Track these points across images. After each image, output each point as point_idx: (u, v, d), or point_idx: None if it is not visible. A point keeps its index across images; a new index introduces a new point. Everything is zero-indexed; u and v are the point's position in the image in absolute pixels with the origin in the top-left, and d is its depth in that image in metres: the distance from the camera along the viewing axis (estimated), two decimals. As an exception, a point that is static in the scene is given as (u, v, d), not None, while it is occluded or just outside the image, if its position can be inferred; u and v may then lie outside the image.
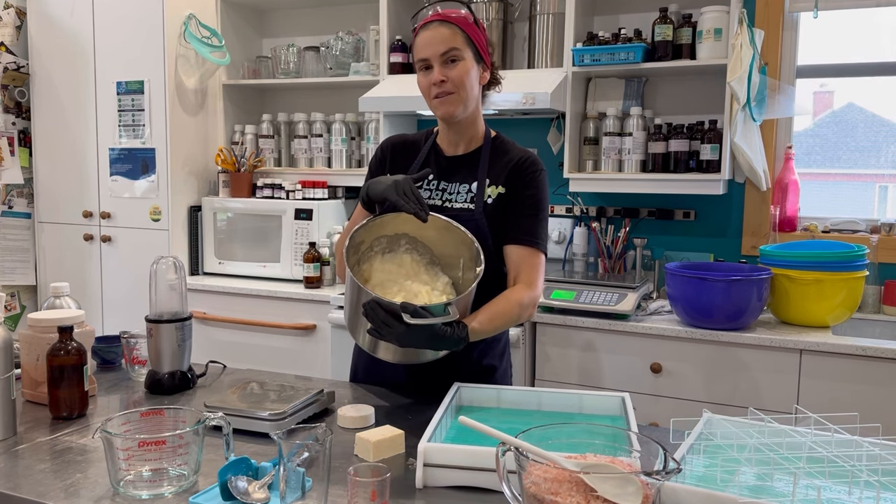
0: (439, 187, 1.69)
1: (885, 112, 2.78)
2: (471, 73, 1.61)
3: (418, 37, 1.62)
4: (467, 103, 1.63)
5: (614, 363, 2.50)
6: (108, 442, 1.13)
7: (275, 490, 1.12)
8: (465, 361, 1.66)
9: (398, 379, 1.70)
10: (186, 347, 1.65)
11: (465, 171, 1.69)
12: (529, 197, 1.64)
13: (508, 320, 1.57)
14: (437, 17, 1.61)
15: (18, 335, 1.56)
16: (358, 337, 1.52)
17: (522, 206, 1.64)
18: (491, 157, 1.68)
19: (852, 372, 2.20)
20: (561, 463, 0.91)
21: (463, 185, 1.67)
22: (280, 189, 3.27)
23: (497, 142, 1.72)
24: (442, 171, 1.71)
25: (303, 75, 3.40)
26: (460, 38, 1.60)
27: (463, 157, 1.70)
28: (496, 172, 1.67)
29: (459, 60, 1.60)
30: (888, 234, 2.64)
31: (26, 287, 3.58)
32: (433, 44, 1.59)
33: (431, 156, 1.73)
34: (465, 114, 1.64)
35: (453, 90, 1.60)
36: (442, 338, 1.40)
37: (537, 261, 1.64)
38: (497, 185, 1.66)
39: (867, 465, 1.12)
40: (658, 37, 2.70)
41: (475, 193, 1.65)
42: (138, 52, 3.21)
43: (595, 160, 2.87)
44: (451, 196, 1.67)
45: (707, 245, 2.91)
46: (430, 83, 1.60)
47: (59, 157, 3.46)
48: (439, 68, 1.59)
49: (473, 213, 1.62)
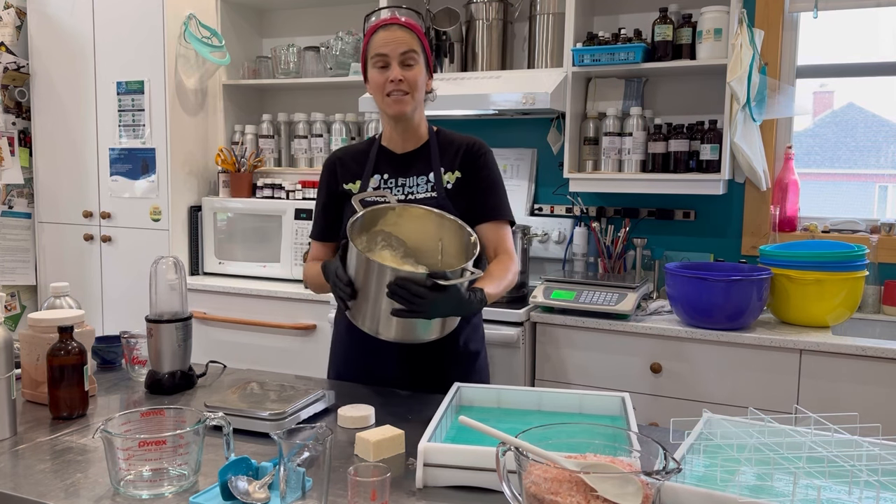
0: (398, 183, 1.77)
1: (885, 112, 2.78)
2: (422, 77, 1.73)
3: (377, 35, 1.71)
4: (417, 105, 1.74)
5: (614, 363, 2.50)
6: (108, 442, 1.13)
7: (275, 490, 1.12)
8: (452, 347, 1.75)
9: (386, 371, 1.74)
10: (186, 347, 1.65)
11: (419, 163, 1.78)
12: (485, 177, 1.78)
13: (509, 285, 1.69)
14: (397, 21, 1.72)
15: (18, 335, 1.56)
16: (363, 320, 1.51)
17: (482, 187, 1.77)
18: (440, 148, 1.80)
19: (852, 372, 2.20)
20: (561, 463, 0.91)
21: (420, 176, 1.77)
22: (280, 189, 3.27)
23: (441, 134, 1.83)
24: (397, 167, 1.80)
25: (303, 75, 3.40)
26: (417, 44, 1.71)
27: (413, 152, 1.80)
28: (449, 160, 1.79)
29: (415, 64, 1.71)
30: (888, 234, 2.64)
31: (26, 287, 3.58)
32: (395, 43, 1.68)
33: (382, 157, 1.82)
34: (413, 114, 1.75)
35: (408, 90, 1.70)
36: (469, 302, 1.50)
37: (508, 231, 1.79)
38: (453, 171, 1.78)
39: (867, 465, 1.12)
40: (658, 37, 2.70)
41: (434, 182, 1.75)
42: (138, 52, 3.21)
43: (595, 160, 2.87)
44: (412, 188, 1.76)
45: (707, 245, 2.91)
46: (387, 80, 1.69)
47: (59, 157, 3.46)
48: (397, 67, 1.68)
49: (438, 199, 1.72)
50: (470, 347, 1.80)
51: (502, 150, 3.19)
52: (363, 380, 1.77)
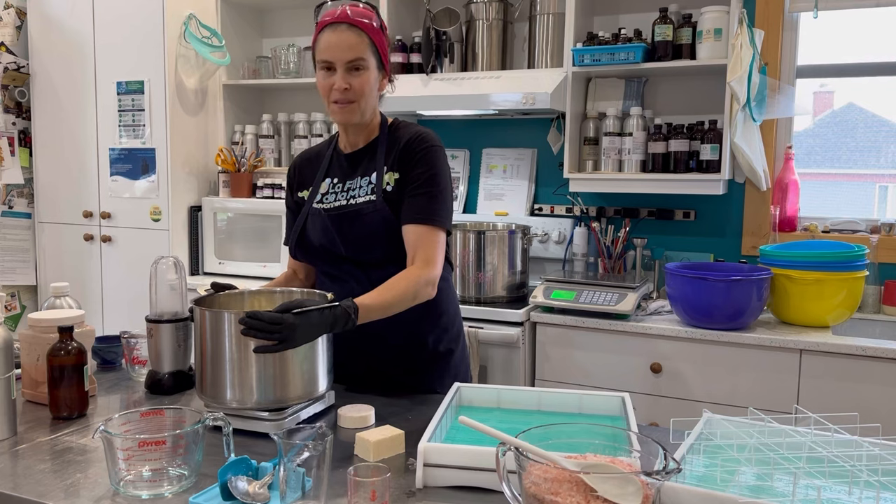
0: (344, 188, 1.70)
1: (885, 112, 2.78)
2: (372, 82, 1.62)
3: (323, 35, 1.60)
4: (365, 112, 1.64)
5: (614, 363, 2.50)
6: (108, 442, 1.13)
7: (275, 490, 1.12)
8: (421, 350, 1.71)
9: (357, 371, 1.72)
10: (186, 347, 1.65)
11: (365, 163, 1.70)
12: (419, 175, 1.62)
13: (402, 297, 1.53)
14: (346, 20, 1.58)
15: (18, 335, 1.56)
16: (224, 392, 1.37)
17: (414, 185, 1.62)
18: (388, 145, 1.68)
19: (852, 372, 2.20)
20: (561, 463, 0.91)
21: (364, 178, 1.68)
22: (280, 189, 3.27)
23: (392, 128, 1.71)
24: (344, 170, 1.72)
25: (303, 75, 3.40)
26: (367, 45, 1.59)
27: (361, 150, 1.72)
28: (392, 159, 1.66)
29: (364, 70, 1.60)
30: (888, 234, 2.64)
31: (26, 287, 3.58)
32: (340, 49, 1.57)
33: (334, 159, 1.76)
34: (362, 120, 1.66)
35: (354, 98, 1.60)
36: (335, 318, 1.38)
37: (434, 238, 1.60)
38: (393, 171, 1.65)
39: (867, 465, 1.12)
40: (658, 37, 2.70)
41: (374, 184, 1.65)
42: (138, 52, 3.21)
43: (595, 160, 2.87)
44: (354, 192, 1.67)
45: (707, 245, 2.91)
46: (332, 87, 1.60)
47: (60, 157, 3.46)
48: (343, 74, 1.58)
49: (375, 204, 1.62)
50: (440, 348, 1.74)
51: (502, 150, 3.20)
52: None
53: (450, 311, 1.78)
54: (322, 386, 1.44)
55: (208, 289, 1.58)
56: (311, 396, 1.43)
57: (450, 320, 1.78)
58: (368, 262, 1.66)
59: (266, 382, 1.35)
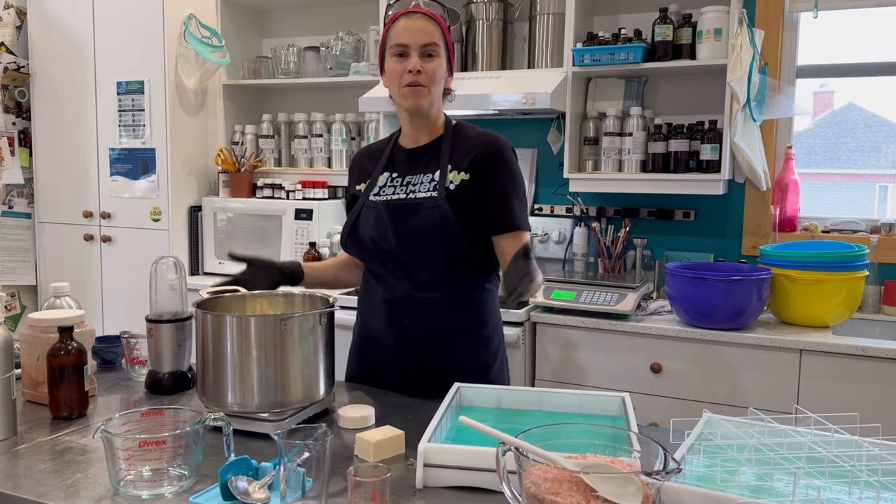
0: (403, 182, 1.68)
1: (885, 112, 2.78)
2: (442, 70, 1.64)
3: (398, 23, 1.62)
4: (434, 99, 1.64)
5: (614, 363, 2.50)
6: (108, 442, 1.13)
7: (275, 490, 1.12)
8: (457, 363, 1.67)
9: (391, 379, 1.70)
10: (186, 347, 1.65)
11: (428, 160, 1.69)
12: (504, 182, 1.64)
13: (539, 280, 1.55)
14: (421, 10, 1.62)
15: (18, 335, 1.56)
16: (225, 395, 1.37)
17: (500, 193, 1.63)
18: (453, 144, 1.68)
19: (852, 372, 2.20)
20: (561, 463, 0.91)
21: (426, 175, 1.67)
22: (280, 189, 3.27)
23: (457, 129, 1.71)
24: (404, 164, 1.71)
25: (303, 75, 3.40)
26: (439, 37, 1.63)
27: (424, 147, 1.71)
28: (458, 158, 1.65)
29: (436, 56, 1.62)
30: (888, 234, 2.64)
31: (26, 287, 3.58)
32: (416, 33, 1.59)
33: (395, 153, 1.75)
34: (429, 109, 1.65)
35: (426, 83, 1.60)
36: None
37: (524, 240, 1.63)
38: (460, 171, 1.64)
39: (867, 465, 1.12)
40: (658, 37, 2.70)
41: (437, 181, 1.64)
42: (138, 52, 3.21)
43: (595, 160, 2.87)
44: (414, 187, 1.66)
45: (707, 245, 2.91)
46: (405, 70, 1.59)
47: (60, 157, 3.46)
48: (417, 58, 1.59)
49: (436, 200, 1.61)
50: (481, 361, 1.69)
51: (502, 150, 3.19)
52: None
53: (491, 324, 1.73)
54: (322, 390, 1.44)
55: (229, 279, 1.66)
56: (312, 401, 1.43)
57: (490, 333, 1.72)
58: (414, 261, 1.63)
59: (267, 386, 1.36)
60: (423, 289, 1.64)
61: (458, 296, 1.66)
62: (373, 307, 1.73)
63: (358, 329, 1.81)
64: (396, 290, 1.66)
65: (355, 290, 2.17)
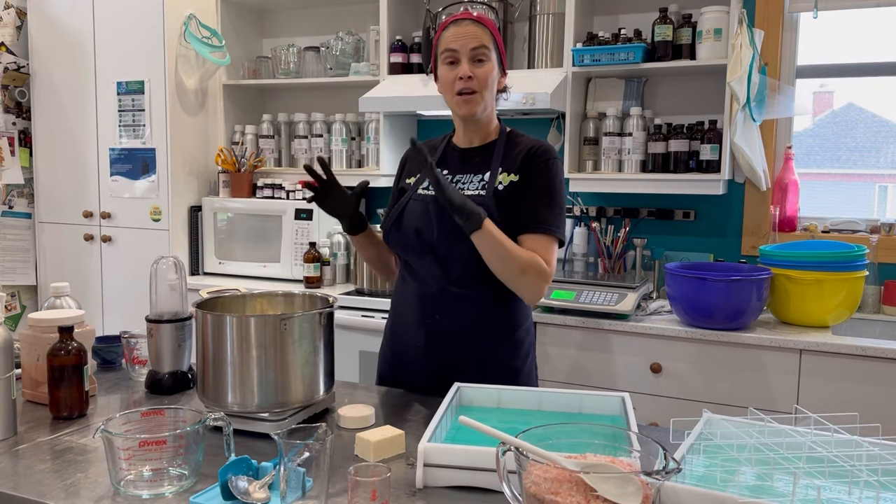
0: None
1: (885, 112, 2.78)
2: (493, 75, 1.65)
3: (448, 30, 1.64)
4: (487, 104, 1.66)
5: (614, 363, 2.50)
6: (108, 442, 1.13)
7: (275, 490, 1.12)
8: (486, 364, 1.67)
9: (421, 381, 1.70)
10: (186, 347, 1.65)
11: (479, 161, 1.71)
12: (541, 185, 1.64)
13: (516, 259, 1.56)
14: (470, 17, 1.64)
15: (19, 335, 1.56)
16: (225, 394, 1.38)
17: (535, 195, 1.64)
18: (505, 149, 1.70)
19: (852, 372, 2.20)
20: (561, 463, 0.91)
21: (476, 175, 1.69)
22: (280, 189, 3.27)
23: (511, 135, 1.74)
24: (456, 163, 1.73)
25: (303, 75, 3.40)
26: (489, 40, 1.64)
27: (477, 148, 1.73)
28: (510, 161, 1.68)
29: (486, 61, 1.63)
30: (888, 234, 2.64)
31: (26, 287, 3.58)
32: (465, 38, 1.61)
33: (448, 152, 1.77)
34: (483, 114, 1.67)
35: (477, 89, 1.62)
36: (468, 202, 1.51)
37: (550, 246, 1.63)
38: (510, 173, 1.66)
39: (867, 465, 1.12)
40: (658, 37, 2.70)
41: (487, 181, 1.66)
42: (138, 52, 3.21)
43: (595, 160, 2.87)
44: (464, 186, 1.68)
45: (707, 245, 2.91)
46: (457, 76, 1.62)
47: (60, 157, 3.46)
48: (467, 64, 1.61)
49: (484, 199, 1.63)
50: (511, 364, 1.70)
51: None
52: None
53: (523, 327, 1.74)
54: (322, 390, 1.44)
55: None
56: (312, 401, 1.43)
57: (523, 335, 1.74)
58: (452, 255, 1.64)
59: (267, 386, 1.36)
60: (457, 284, 1.65)
61: (490, 295, 1.66)
62: (406, 301, 1.74)
63: (390, 325, 1.81)
64: (431, 285, 1.67)
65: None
